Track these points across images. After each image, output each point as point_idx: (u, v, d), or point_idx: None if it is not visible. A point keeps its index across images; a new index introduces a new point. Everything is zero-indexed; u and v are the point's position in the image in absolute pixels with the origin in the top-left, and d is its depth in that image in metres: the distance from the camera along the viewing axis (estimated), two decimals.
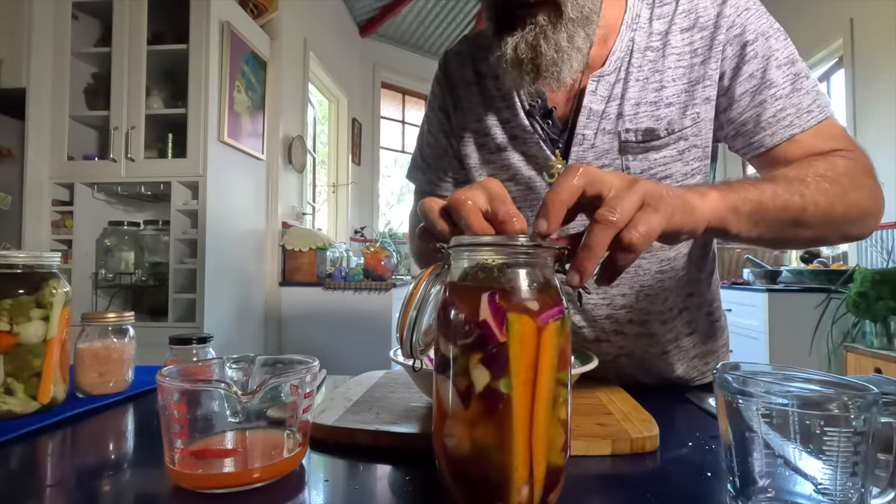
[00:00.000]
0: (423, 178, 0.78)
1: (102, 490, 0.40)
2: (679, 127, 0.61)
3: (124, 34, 2.22)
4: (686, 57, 0.61)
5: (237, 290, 2.53)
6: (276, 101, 2.88)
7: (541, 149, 0.66)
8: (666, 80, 0.61)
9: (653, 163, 0.62)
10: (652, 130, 0.61)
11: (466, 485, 0.34)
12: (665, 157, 0.62)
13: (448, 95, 0.74)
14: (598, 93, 0.63)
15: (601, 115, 0.63)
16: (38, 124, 2.18)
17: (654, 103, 0.62)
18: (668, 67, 0.61)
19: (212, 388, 0.40)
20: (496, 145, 0.69)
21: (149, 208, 2.49)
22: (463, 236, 0.37)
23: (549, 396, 0.33)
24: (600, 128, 0.63)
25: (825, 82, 3.31)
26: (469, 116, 0.72)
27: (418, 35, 4.68)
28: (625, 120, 0.62)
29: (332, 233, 4.06)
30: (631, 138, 0.62)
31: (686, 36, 0.61)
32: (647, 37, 0.62)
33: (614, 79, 0.63)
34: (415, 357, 0.43)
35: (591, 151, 0.64)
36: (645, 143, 0.62)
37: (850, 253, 2.90)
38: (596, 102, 0.63)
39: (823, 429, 0.30)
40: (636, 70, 0.62)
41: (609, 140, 0.63)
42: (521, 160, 0.68)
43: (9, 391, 0.54)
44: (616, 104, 0.62)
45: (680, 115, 0.61)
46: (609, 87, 0.63)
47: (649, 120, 0.62)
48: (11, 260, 0.56)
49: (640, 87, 0.62)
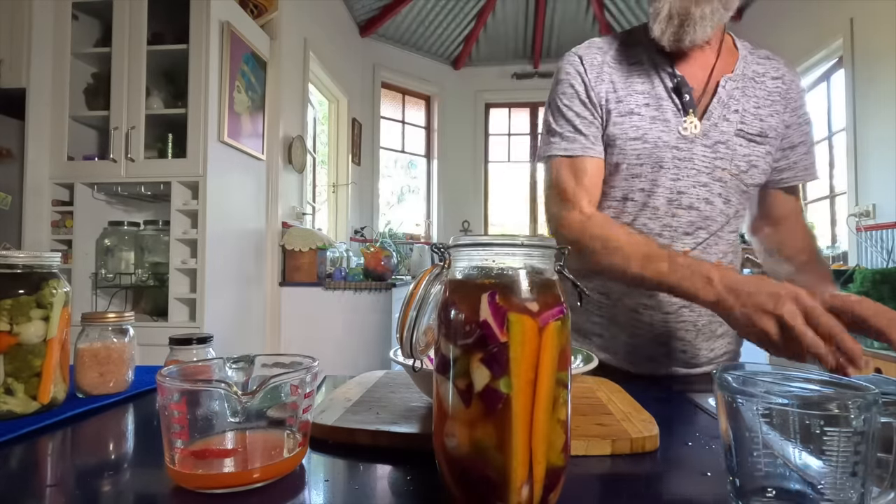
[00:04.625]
0: (575, 147, 0.84)
1: (102, 490, 0.40)
2: (767, 134, 0.84)
3: (124, 34, 2.22)
4: (773, 95, 0.85)
5: (237, 290, 2.53)
6: (276, 101, 2.88)
7: (675, 114, 0.82)
8: (762, 104, 0.84)
9: (753, 151, 0.83)
10: (755, 129, 0.83)
11: (466, 485, 0.34)
12: (760, 151, 0.84)
13: (585, 76, 0.85)
14: (727, 89, 0.83)
15: (726, 105, 0.83)
16: (38, 124, 2.18)
17: (755, 115, 0.84)
18: (761, 97, 0.85)
19: (212, 388, 0.40)
20: (629, 109, 0.83)
21: (149, 208, 2.49)
22: (463, 236, 0.37)
23: (550, 396, 0.33)
24: (723, 115, 0.82)
25: (825, 82, 3.31)
26: (605, 88, 0.85)
27: (418, 35, 4.68)
28: (739, 115, 0.83)
29: (332, 233, 4.05)
30: (743, 129, 0.83)
31: (774, 83, 0.86)
32: (752, 72, 0.86)
33: (736, 85, 0.84)
34: (415, 357, 0.43)
35: (714, 129, 0.82)
36: (751, 136, 0.83)
37: (850, 253, 2.90)
38: (724, 95, 0.83)
39: (823, 429, 0.30)
40: (747, 87, 0.84)
41: (727, 125, 0.82)
42: (650, 123, 0.82)
43: (9, 391, 0.54)
44: (735, 102, 0.83)
45: (767, 127, 0.84)
46: (733, 90, 0.83)
47: (753, 122, 0.83)
48: (11, 260, 0.56)
49: (748, 100, 0.84)
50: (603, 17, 4.40)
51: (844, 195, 3.01)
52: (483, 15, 4.44)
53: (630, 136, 0.82)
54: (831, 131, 3.27)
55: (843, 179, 3.01)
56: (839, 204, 3.21)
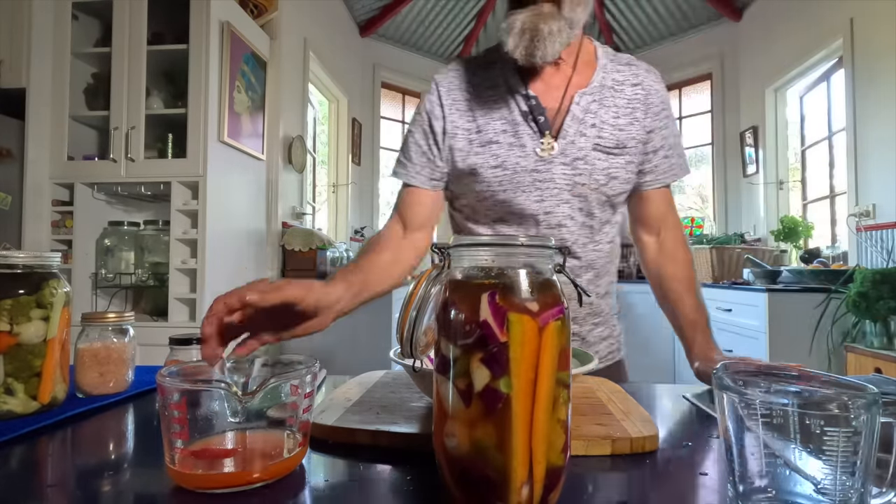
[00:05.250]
0: (401, 172, 0.90)
1: (102, 490, 0.40)
2: (625, 144, 0.85)
3: (124, 34, 2.22)
4: (632, 103, 0.86)
5: None
6: (276, 101, 2.87)
7: (532, 137, 0.83)
8: (621, 114, 0.85)
9: (611, 164, 0.84)
10: (612, 142, 0.84)
11: (466, 485, 0.34)
12: (619, 163, 0.85)
13: (438, 104, 0.87)
14: (581, 105, 0.84)
15: (581, 121, 0.83)
16: (38, 124, 2.18)
17: (613, 125, 0.85)
18: (621, 106, 0.85)
19: (212, 388, 0.40)
20: (488, 139, 0.84)
21: (149, 208, 2.49)
22: (463, 236, 0.37)
23: (550, 396, 0.33)
24: (579, 130, 0.83)
25: (825, 82, 3.31)
26: (463, 117, 0.86)
27: (418, 35, 4.68)
28: (596, 129, 0.84)
29: (332, 233, 4.05)
30: (600, 143, 0.84)
31: (633, 90, 0.87)
32: (612, 80, 0.86)
33: (592, 98, 0.84)
34: (415, 357, 0.43)
35: (571, 146, 0.83)
36: (608, 149, 0.84)
37: (850, 253, 2.90)
38: (579, 112, 0.83)
39: (823, 429, 0.30)
40: (605, 98, 0.85)
41: (584, 140, 0.83)
42: (508, 150, 0.83)
43: (9, 391, 0.54)
44: (592, 117, 0.84)
45: (626, 138, 0.85)
46: (588, 104, 0.84)
47: (611, 135, 0.84)
48: (11, 260, 0.56)
49: (605, 111, 0.84)
50: (603, 16, 4.40)
51: (844, 195, 3.01)
52: (483, 15, 4.44)
53: (491, 165, 0.84)
54: (831, 131, 3.27)
55: (843, 179, 3.01)
56: (839, 204, 3.21)
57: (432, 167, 0.87)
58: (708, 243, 3.39)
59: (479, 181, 0.85)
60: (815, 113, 3.53)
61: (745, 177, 3.99)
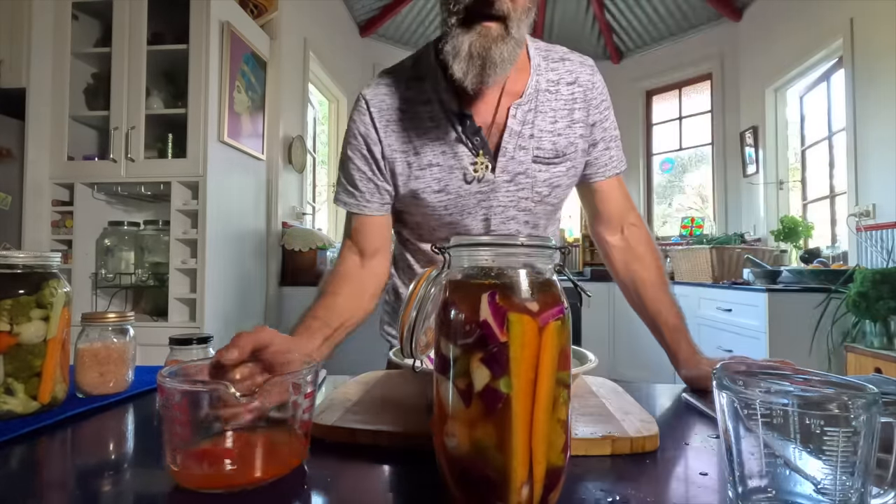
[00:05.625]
0: (351, 202, 0.85)
1: (103, 490, 0.40)
2: (564, 152, 0.83)
3: (124, 34, 2.22)
4: (570, 103, 0.83)
5: (237, 291, 2.53)
6: (276, 101, 2.88)
7: (470, 158, 0.80)
8: (558, 117, 0.82)
9: (552, 174, 0.83)
10: (551, 151, 0.82)
11: (466, 485, 0.34)
12: (560, 171, 0.83)
13: (372, 127, 0.81)
14: (517, 117, 0.80)
15: (519, 134, 0.80)
16: (38, 124, 2.18)
17: (551, 132, 0.82)
18: (558, 108, 0.82)
19: (212, 388, 0.40)
20: (427, 162, 0.80)
21: (149, 208, 2.49)
22: (463, 236, 0.37)
23: (550, 396, 0.33)
24: (518, 144, 0.80)
25: (825, 82, 3.31)
26: (399, 139, 0.81)
27: (418, 35, 4.68)
28: (535, 140, 0.81)
29: (332, 233, 4.05)
30: (540, 154, 0.81)
31: (569, 89, 0.83)
32: (546, 82, 0.82)
33: (528, 108, 0.80)
34: (415, 357, 0.43)
35: (511, 162, 0.80)
36: (548, 160, 0.82)
37: (850, 253, 2.90)
38: (516, 125, 0.80)
39: (823, 429, 0.30)
40: (541, 104, 0.81)
41: (524, 154, 0.81)
42: (449, 173, 0.80)
43: (9, 391, 0.54)
44: (529, 128, 0.81)
45: (565, 143, 0.82)
46: (524, 115, 0.80)
47: (549, 143, 0.82)
48: (11, 260, 0.56)
49: (542, 118, 0.81)
50: (603, 16, 4.40)
51: (844, 195, 3.01)
52: None
53: (434, 189, 0.80)
54: (831, 131, 3.27)
55: (843, 179, 3.01)
56: (839, 204, 3.21)
57: (380, 192, 0.83)
58: (708, 243, 3.38)
59: (424, 205, 0.82)
60: (815, 113, 3.52)
61: (745, 177, 3.99)
